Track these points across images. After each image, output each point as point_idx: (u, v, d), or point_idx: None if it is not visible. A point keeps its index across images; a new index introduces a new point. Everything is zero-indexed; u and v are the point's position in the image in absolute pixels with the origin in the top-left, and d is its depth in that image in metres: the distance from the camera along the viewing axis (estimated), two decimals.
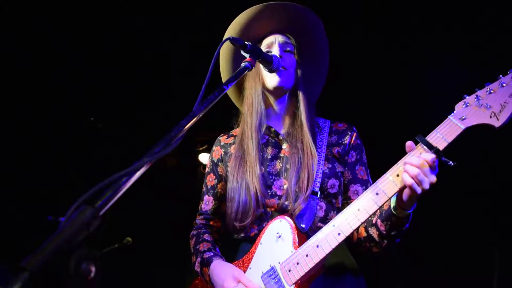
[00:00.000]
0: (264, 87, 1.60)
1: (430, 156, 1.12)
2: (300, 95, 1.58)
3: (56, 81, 3.39)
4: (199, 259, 1.49)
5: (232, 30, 1.66)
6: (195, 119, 0.88)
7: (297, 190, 1.42)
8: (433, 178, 1.13)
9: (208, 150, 4.28)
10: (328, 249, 1.23)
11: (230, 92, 1.79)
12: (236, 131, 1.70)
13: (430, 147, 1.14)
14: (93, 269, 0.65)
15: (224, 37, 1.65)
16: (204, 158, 4.35)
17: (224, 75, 1.74)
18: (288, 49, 1.60)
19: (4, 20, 2.85)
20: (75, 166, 3.71)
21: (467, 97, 1.17)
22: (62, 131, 3.67)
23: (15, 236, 3.24)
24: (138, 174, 0.77)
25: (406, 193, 1.18)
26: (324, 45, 1.68)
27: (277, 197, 1.44)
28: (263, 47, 1.63)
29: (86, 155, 3.81)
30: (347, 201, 1.52)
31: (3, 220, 3.34)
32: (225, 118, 1.82)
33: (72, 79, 3.41)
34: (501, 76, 1.15)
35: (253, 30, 1.65)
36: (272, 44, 1.61)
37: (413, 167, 1.13)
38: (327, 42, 1.68)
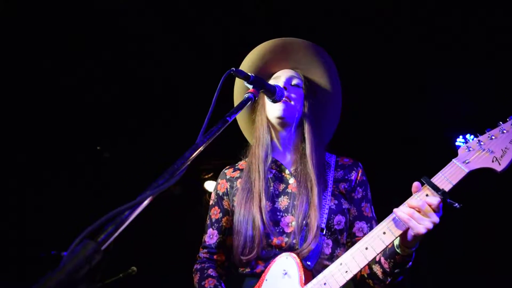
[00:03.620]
0: (267, 118, 1.61)
1: (436, 200, 1.15)
2: (307, 130, 1.58)
3: (63, 111, 3.42)
4: None
5: (246, 65, 1.72)
6: (198, 151, 0.88)
7: (305, 228, 1.40)
8: (436, 219, 1.15)
9: (213, 178, 4.28)
10: (335, 287, 1.23)
11: (243, 126, 1.82)
12: (242, 164, 1.71)
13: (436, 189, 1.17)
14: None
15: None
16: (209, 185, 4.34)
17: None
18: (295, 83, 1.62)
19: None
20: (80, 198, 3.70)
21: (470, 141, 1.23)
22: (67, 161, 3.68)
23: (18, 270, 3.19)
24: (141, 207, 0.76)
25: (410, 233, 1.19)
26: (336, 86, 1.70)
27: (284, 235, 1.42)
28: (271, 81, 1.67)
29: (92, 186, 3.79)
30: (351, 238, 1.51)
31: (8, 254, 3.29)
32: (230, 146, 1.84)
33: (78, 108, 3.45)
34: (501, 122, 1.23)
35: (266, 66, 1.70)
36: (279, 77, 1.65)
37: (412, 209, 1.16)
38: (340, 85, 1.70)
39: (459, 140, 3.47)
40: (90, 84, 3.29)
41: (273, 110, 1.55)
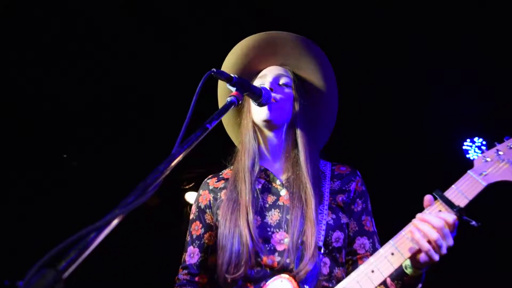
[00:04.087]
0: (254, 122, 1.61)
1: (451, 217, 1.13)
2: (299, 134, 1.57)
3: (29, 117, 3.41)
4: None
5: (228, 64, 1.71)
6: (174, 163, 0.87)
7: (301, 246, 1.37)
8: (451, 242, 1.13)
9: (195, 188, 4.25)
10: None
11: (229, 129, 1.82)
12: (227, 172, 1.69)
13: (451, 205, 1.15)
14: None
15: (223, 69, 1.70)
16: (191, 197, 4.32)
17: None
18: (283, 82, 1.62)
19: None
20: (41, 215, 3.63)
21: (486, 151, 1.21)
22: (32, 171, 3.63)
23: None
24: (108, 228, 0.75)
25: (422, 256, 1.17)
26: (331, 84, 1.70)
27: (276, 253, 1.39)
28: (257, 80, 1.66)
29: (56, 200, 3.73)
30: (352, 256, 1.50)
31: None
32: (215, 152, 1.82)
33: (46, 116, 3.44)
34: None
35: (251, 63, 1.69)
36: (265, 76, 1.64)
37: (433, 230, 1.13)
38: (335, 82, 1.71)
39: (467, 144, 3.51)
40: (56, 90, 3.27)
41: (258, 113, 1.55)
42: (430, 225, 1.13)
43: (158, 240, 4.03)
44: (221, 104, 1.80)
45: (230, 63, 1.71)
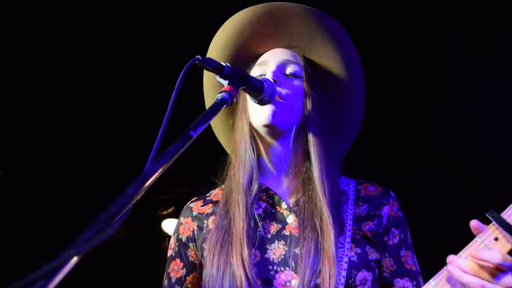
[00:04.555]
0: (251, 126, 1.58)
1: None
2: (312, 142, 1.55)
3: None
4: None
5: (217, 47, 1.70)
6: (147, 183, 0.85)
7: None
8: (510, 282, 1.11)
9: (176, 214, 4.24)
10: None
11: (220, 134, 1.82)
12: (216, 193, 1.68)
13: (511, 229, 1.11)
14: None
15: (208, 55, 1.69)
16: (170, 226, 4.31)
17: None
18: (290, 70, 1.59)
19: None
20: None
21: None
22: None
23: None
24: (61, 274, 0.74)
25: None
26: (356, 73, 1.68)
27: None
28: (255, 69, 1.64)
29: None
30: None
31: None
32: (202, 168, 1.83)
33: None
34: None
35: (247, 45, 1.68)
36: (266, 63, 1.62)
37: (488, 267, 1.11)
38: (361, 69, 1.69)
39: None
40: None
41: (258, 114, 1.52)
42: (485, 261, 1.11)
43: (127, 285, 4.02)
44: (208, 103, 1.78)
45: (219, 46, 1.70)
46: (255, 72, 1.63)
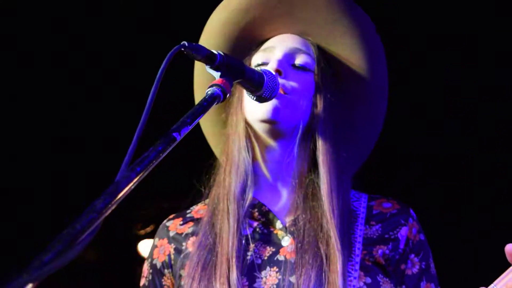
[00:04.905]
0: (247, 122, 1.59)
1: None
2: (322, 148, 1.56)
3: None
4: None
5: (212, 31, 1.72)
6: (120, 196, 0.85)
7: None
8: None
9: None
10: None
11: (209, 131, 1.84)
12: (199, 210, 1.69)
13: None
14: None
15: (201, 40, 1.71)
16: (148, 248, 4.32)
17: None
18: (300, 62, 1.60)
19: None
20: None
21: None
22: None
23: None
24: None
25: None
26: (378, 70, 1.69)
27: None
28: (258, 55, 1.65)
29: None
30: None
31: None
32: (187, 177, 1.80)
33: None
34: None
35: (250, 27, 1.69)
36: (272, 50, 1.62)
37: None
38: (385, 67, 1.71)
39: None
40: None
41: (256, 108, 1.53)
42: None
43: None
44: (199, 99, 1.77)
45: (216, 28, 1.72)
46: (257, 59, 1.64)
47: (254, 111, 1.53)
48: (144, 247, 4.38)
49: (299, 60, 1.60)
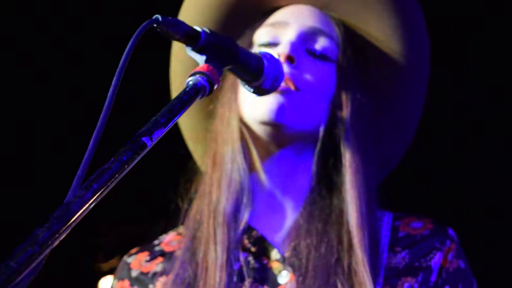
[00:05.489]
0: (243, 121, 1.61)
1: None
2: (349, 162, 1.58)
3: None
4: None
5: None
6: (71, 221, 0.85)
7: None
8: None
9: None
10: None
11: (191, 131, 1.86)
12: (171, 240, 1.71)
13: None
14: None
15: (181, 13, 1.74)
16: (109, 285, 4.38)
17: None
18: (319, 47, 1.61)
19: None
20: None
21: None
22: None
23: None
24: None
25: None
26: (420, 63, 1.72)
27: None
28: (263, 31, 1.66)
29: None
30: None
31: None
32: (162, 194, 1.83)
33: None
34: None
35: None
36: (284, 26, 1.63)
37: None
38: (428, 57, 1.73)
39: None
40: None
41: (255, 107, 1.55)
42: None
43: None
44: (175, 90, 1.82)
45: None
46: (261, 36, 1.65)
47: (252, 108, 1.55)
48: (106, 285, 4.41)
49: (319, 44, 1.61)
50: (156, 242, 1.73)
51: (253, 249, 1.57)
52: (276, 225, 1.61)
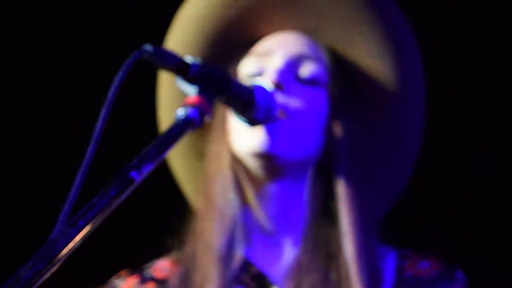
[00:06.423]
0: (234, 158, 1.59)
1: None
2: (342, 193, 1.56)
3: None
4: None
5: (187, 27, 1.72)
6: (55, 261, 0.84)
7: None
8: None
9: None
10: None
11: (181, 168, 1.84)
12: (163, 268, 1.67)
13: None
14: None
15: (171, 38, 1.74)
16: None
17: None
18: (307, 73, 1.60)
19: None
20: None
21: None
22: None
23: None
24: None
25: None
26: (413, 86, 1.71)
27: None
28: (250, 61, 1.65)
29: None
30: None
31: None
32: (153, 229, 1.81)
33: None
34: None
35: (241, 20, 1.69)
36: (270, 54, 1.62)
37: None
38: (421, 81, 1.72)
39: None
40: None
41: (246, 139, 1.52)
42: None
43: None
44: (164, 122, 1.80)
45: (187, 26, 1.72)
46: (248, 67, 1.64)
47: (243, 140, 1.52)
48: None
49: (307, 70, 1.59)
50: (147, 265, 1.70)
51: (252, 285, 1.55)
52: (275, 260, 1.59)
